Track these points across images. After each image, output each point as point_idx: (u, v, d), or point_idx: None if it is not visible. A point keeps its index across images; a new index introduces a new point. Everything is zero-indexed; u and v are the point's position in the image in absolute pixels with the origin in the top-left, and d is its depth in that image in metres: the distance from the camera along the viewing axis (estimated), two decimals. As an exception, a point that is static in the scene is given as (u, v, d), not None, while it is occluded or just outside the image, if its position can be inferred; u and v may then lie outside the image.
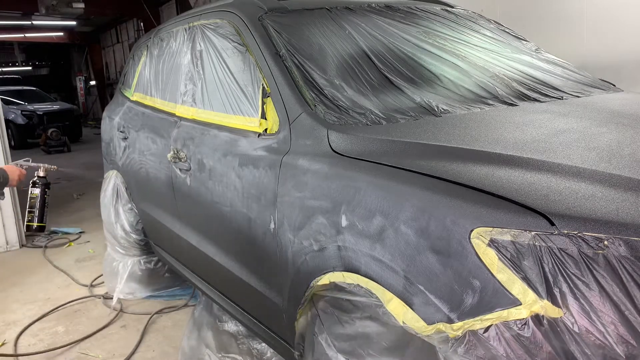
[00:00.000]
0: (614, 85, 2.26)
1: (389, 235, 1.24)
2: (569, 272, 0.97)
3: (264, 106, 1.84)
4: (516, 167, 1.21)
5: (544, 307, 0.97)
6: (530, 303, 0.99)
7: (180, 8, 12.78)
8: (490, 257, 1.04)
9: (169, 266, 3.21)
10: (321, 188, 1.49)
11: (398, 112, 1.67)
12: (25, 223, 2.68)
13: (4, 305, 3.43)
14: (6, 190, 2.45)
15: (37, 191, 2.59)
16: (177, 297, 3.37)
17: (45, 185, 2.62)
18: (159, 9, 14.29)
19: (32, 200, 2.59)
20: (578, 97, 1.94)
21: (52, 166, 2.71)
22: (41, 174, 2.62)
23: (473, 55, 2.12)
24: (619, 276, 0.94)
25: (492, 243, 1.04)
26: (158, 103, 2.88)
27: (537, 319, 0.98)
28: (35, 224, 2.62)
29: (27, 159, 2.67)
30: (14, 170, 2.43)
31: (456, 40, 2.22)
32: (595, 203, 1.04)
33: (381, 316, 1.27)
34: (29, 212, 2.63)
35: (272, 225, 1.72)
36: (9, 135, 5.25)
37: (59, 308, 3.34)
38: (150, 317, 3.09)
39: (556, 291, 0.97)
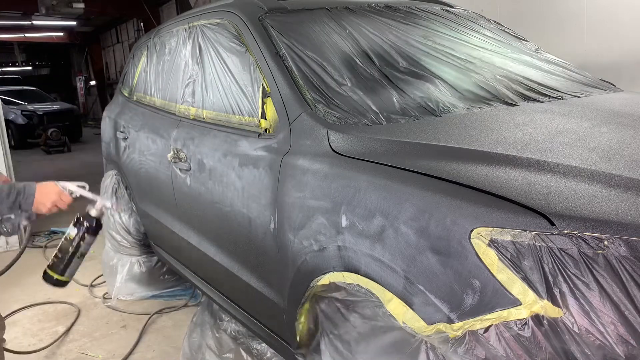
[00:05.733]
0: (614, 85, 2.26)
1: (389, 235, 1.24)
2: (569, 272, 0.97)
3: (264, 106, 1.84)
4: (516, 167, 1.21)
5: (544, 307, 0.97)
6: (530, 303, 0.99)
7: (180, 8, 12.77)
8: (490, 257, 1.04)
9: (168, 266, 3.21)
10: (321, 188, 1.49)
11: (398, 112, 1.68)
12: (46, 268, 2.05)
13: (4, 305, 3.43)
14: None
15: (74, 232, 1.93)
16: (177, 297, 3.37)
17: (91, 230, 1.94)
18: (159, 9, 14.28)
19: (64, 243, 1.95)
20: (578, 97, 1.94)
21: (113, 204, 2.06)
22: (93, 212, 1.95)
23: (473, 56, 2.12)
24: (619, 276, 0.94)
25: (492, 243, 1.04)
26: (158, 103, 2.88)
27: (537, 319, 0.98)
28: (56, 275, 2.01)
29: (83, 184, 1.95)
30: (49, 193, 1.69)
31: (456, 40, 2.22)
32: (595, 203, 1.04)
33: (381, 316, 1.27)
34: (55, 255, 2.01)
35: (272, 225, 1.72)
36: (9, 135, 5.25)
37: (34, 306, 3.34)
38: (150, 317, 3.10)
39: (556, 291, 0.97)
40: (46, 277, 2.05)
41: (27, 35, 18.61)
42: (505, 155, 1.27)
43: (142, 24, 14.87)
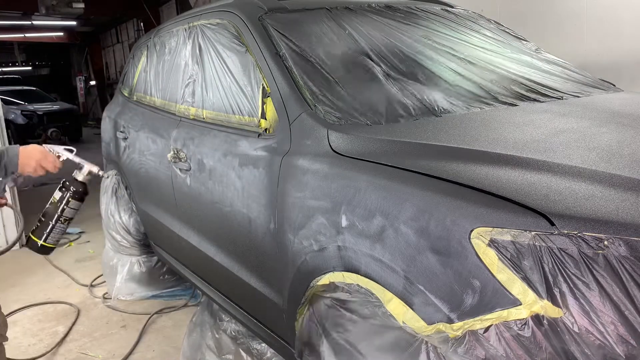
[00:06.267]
0: (614, 85, 2.26)
1: (389, 235, 1.24)
2: (569, 272, 0.97)
3: (264, 106, 1.84)
4: (516, 167, 1.21)
5: (544, 307, 0.97)
6: (530, 303, 0.99)
7: (180, 8, 12.77)
8: (490, 257, 1.04)
9: (168, 266, 3.21)
10: (321, 188, 1.49)
11: (398, 112, 1.67)
12: (29, 234, 1.95)
13: (4, 305, 3.43)
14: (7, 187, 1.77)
15: (58, 196, 1.90)
16: (177, 297, 3.37)
17: (77, 195, 1.90)
18: (159, 9, 14.28)
19: (49, 207, 1.90)
20: (578, 97, 1.94)
21: (100, 171, 1.99)
22: (79, 177, 1.94)
23: (473, 55, 2.12)
24: (619, 276, 0.94)
25: (492, 243, 1.04)
26: (158, 103, 2.88)
27: (537, 319, 0.98)
28: (40, 241, 1.91)
29: (71, 148, 1.94)
30: (32, 153, 1.69)
31: (456, 40, 2.22)
32: (595, 203, 1.04)
33: (381, 316, 1.27)
34: (39, 220, 1.93)
35: (272, 225, 1.72)
36: (8, 135, 5.25)
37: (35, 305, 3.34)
38: (150, 317, 3.10)
39: (556, 291, 0.97)
40: (30, 244, 1.95)
41: (27, 35, 18.60)
42: (505, 155, 1.27)
43: (142, 24, 14.87)
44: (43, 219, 1.91)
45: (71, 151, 1.89)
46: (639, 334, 0.91)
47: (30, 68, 26.25)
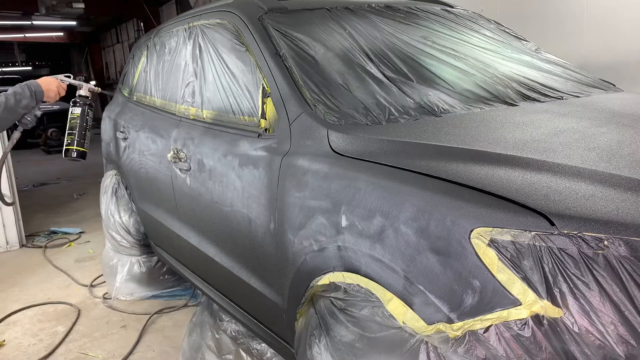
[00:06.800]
0: (614, 85, 2.26)
1: (389, 235, 1.24)
2: (569, 272, 0.97)
3: (264, 106, 1.84)
4: (516, 167, 1.21)
5: (544, 307, 0.97)
6: (530, 303, 0.99)
7: (180, 8, 12.77)
8: (490, 257, 1.04)
9: (168, 266, 3.21)
10: (321, 188, 1.49)
11: (398, 112, 1.67)
12: (65, 147, 2.31)
13: (4, 305, 3.44)
14: (6, 186, 2.21)
15: (78, 110, 2.26)
16: (177, 297, 3.37)
17: (89, 105, 2.30)
18: (159, 9, 14.28)
19: (72, 121, 2.27)
20: (578, 97, 1.94)
21: (97, 88, 2.40)
22: (82, 92, 2.32)
23: (473, 56, 2.12)
24: (619, 276, 0.94)
25: (492, 243, 1.04)
26: (158, 103, 2.88)
27: (537, 319, 0.98)
28: (75, 147, 2.29)
29: (67, 74, 2.35)
30: (50, 82, 2.11)
31: (456, 40, 2.22)
32: (595, 203, 1.04)
33: (381, 316, 1.27)
34: (69, 134, 2.29)
35: (272, 226, 1.72)
36: (9, 135, 5.25)
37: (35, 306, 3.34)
38: (150, 317, 3.10)
39: (556, 291, 0.97)
40: (68, 153, 2.33)
41: (27, 35, 18.60)
42: (505, 155, 1.27)
43: (142, 24, 14.87)
44: (74, 131, 2.28)
45: (69, 77, 2.30)
46: (639, 334, 0.92)
47: (30, 68, 26.27)
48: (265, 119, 1.83)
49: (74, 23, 17.25)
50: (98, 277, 3.80)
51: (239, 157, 1.91)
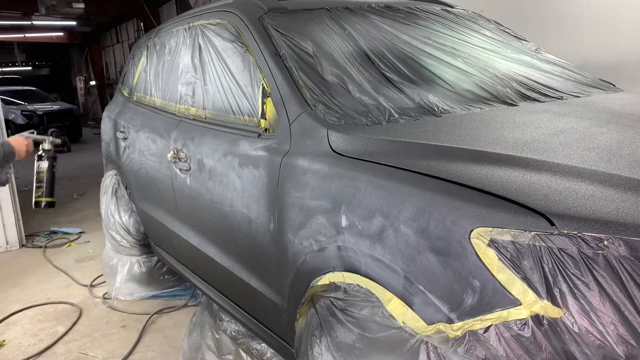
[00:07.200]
0: (614, 85, 2.26)
1: (389, 235, 1.24)
2: (569, 272, 0.97)
3: (264, 106, 1.84)
4: (516, 167, 1.21)
5: (544, 307, 0.97)
6: (530, 303, 0.98)
7: (180, 8, 12.78)
8: (490, 257, 1.04)
9: (168, 266, 3.21)
10: (321, 188, 1.49)
11: (398, 112, 1.67)
12: (34, 199, 2.47)
13: (4, 305, 3.44)
14: (6, 186, 2.32)
15: (44, 165, 2.41)
16: (177, 297, 3.37)
17: (53, 158, 2.46)
18: (159, 9, 14.29)
19: (39, 175, 2.42)
20: (578, 97, 1.94)
21: (57, 139, 2.52)
22: (47, 146, 2.45)
23: (473, 56, 2.12)
24: (619, 276, 0.94)
25: (492, 243, 1.04)
26: (158, 103, 2.88)
27: (537, 319, 0.98)
28: (44, 199, 2.44)
29: (31, 131, 2.47)
30: (20, 142, 2.25)
31: (456, 40, 2.22)
32: (595, 203, 1.04)
33: (381, 316, 1.27)
34: (37, 187, 2.45)
35: (272, 226, 1.72)
36: (8, 135, 5.26)
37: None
38: (150, 317, 3.10)
39: (556, 291, 0.97)
40: (38, 205, 2.47)
41: (27, 35, 18.60)
42: (505, 155, 1.27)
43: (142, 24, 14.88)
44: (42, 184, 2.42)
45: (33, 133, 2.41)
46: (639, 334, 0.91)
47: (30, 68, 26.27)
48: (265, 119, 1.83)
49: (74, 23, 17.26)
50: (98, 277, 3.80)
51: (239, 157, 1.91)
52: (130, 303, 3.34)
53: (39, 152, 2.45)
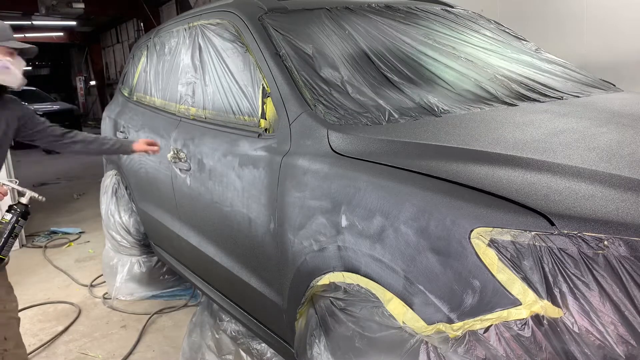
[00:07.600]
0: (614, 85, 2.26)
1: (389, 235, 1.24)
2: (569, 272, 0.97)
3: (264, 106, 1.84)
4: (516, 167, 1.21)
5: (544, 307, 0.97)
6: (530, 303, 0.98)
7: (180, 8, 12.77)
8: (490, 257, 1.04)
9: (168, 266, 3.21)
10: (321, 188, 1.49)
11: (398, 112, 1.67)
12: None
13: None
14: (8, 188, 2.15)
15: (8, 217, 2.20)
16: (177, 297, 3.37)
17: (22, 215, 2.23)
18: (159, 9, 14.28)
19: (1, 227, 2.21)
20: (578, 97, 1.94)
21: (41, 197, 2.29)
22: (23, 200, 2.24)
23: (473, 56, 2.12)
24: (619, 276, 0.94)
25: (492, 243, 1.04)
26: (158, 103, 2.88)
27: (537, 319, 0.98)
28: None
29: (15, 180, 2.35)
30: None
31: (456, 40, 2.22)
32: (595, 203, 1.04)
33: (381, 316, 1.27)
34: None
35: (272, 226, 1.72)
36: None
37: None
38: (150, 317, 3.10)
39: (556, 291, 0.97)
40: None
41: (27, 35, 18.58)
42: (505, 155, 1.27)
43: (142, 24, 14.87)
44: None
45: (15, 182, 2.31)
46: (639, 334, 0.91)
47: (30, 68, 26.24)
48: (265, 119, 1.83)
49: (74, 23, 17.26)
50: (98, 277, 3.80)
51: (239, 157, 1.91)
52: (130, 303, 3.34)
53: (13, 203, 2.26)
